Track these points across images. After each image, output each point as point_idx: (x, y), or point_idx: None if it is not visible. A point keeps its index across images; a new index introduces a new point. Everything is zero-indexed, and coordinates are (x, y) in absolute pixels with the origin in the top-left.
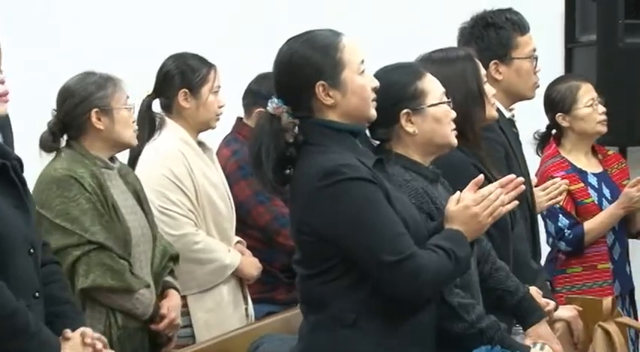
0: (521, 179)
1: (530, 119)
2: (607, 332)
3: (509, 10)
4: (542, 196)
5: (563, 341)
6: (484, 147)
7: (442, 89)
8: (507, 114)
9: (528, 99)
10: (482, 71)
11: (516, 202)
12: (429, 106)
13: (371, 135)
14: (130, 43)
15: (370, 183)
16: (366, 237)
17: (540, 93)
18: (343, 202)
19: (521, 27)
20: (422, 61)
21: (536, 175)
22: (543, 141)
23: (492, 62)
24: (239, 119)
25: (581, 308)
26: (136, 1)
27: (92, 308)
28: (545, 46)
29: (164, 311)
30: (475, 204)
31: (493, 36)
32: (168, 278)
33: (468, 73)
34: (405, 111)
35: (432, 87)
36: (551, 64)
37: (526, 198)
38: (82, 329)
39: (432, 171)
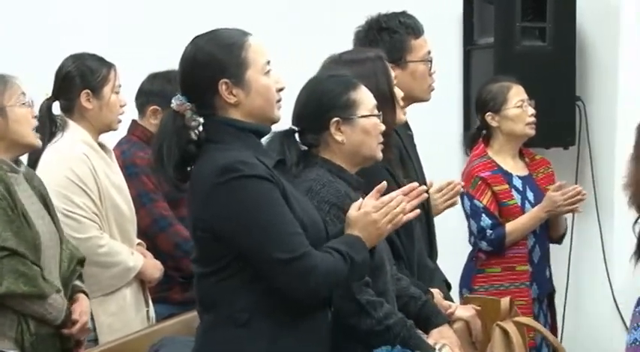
0: (423, 188)
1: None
2: (505, 332)
3: (403, 13)
4: (439, 198)
5: (462, 340)
6: (394, 150)
7: (374, 102)
8: (404, 118)
9: (424, 101)
10: (392, 73)
11: (418, 211)
12: (359, 117)
13: (300, 139)
14: (26, 43)
15: (266, 181)
16: (259, 234)
17: (433, 96)
18: (238, 199)
19: (415, 30)
20: (331, 62)
21: (462, 174)
22: (472, 141)
23: None
24: (133, 121)
25: (479, 308)
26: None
27: (4, 315)
28: (444, 48)
29: (76, 316)
30: (375, 210)
31: (387, 40)
32: (77, 283)
33: (379, 73)
34: (335, 119)
35: (365, 99)
36: (449, 67)
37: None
38: None
39: (356, 179)
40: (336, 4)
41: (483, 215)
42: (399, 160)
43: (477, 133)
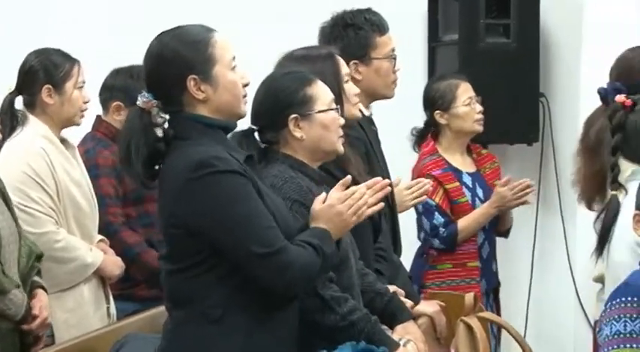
0: (387, 181)
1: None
2: (469, 327)
3: (369, 10)
4: (407, 195)
5: (427, 336)
6: (345, 146)
7: (331, 96)
8: (367, 113)
9: (388, 98)
10: (345, 70)
11: (382, 204)
12: (317, 112)
13: (260, 138)
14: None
15: (241, 176)
16: (236, 229)
17: (399, 92)
18: (214, 194)
19: (380, 27)
20: (284, 59)
21: (413, 172)
22: (420, 137)
23: (352, 62)
24: (98, 117)
25: (443, 304)
26: None
27: None
28: (409, 45)
29: (36, 311)
30: (340, 202)
31: (352, 36)
32: (36, 278)
33: (327, 72)
34: (293, 116)
35: (321, 93)
36: (414, 63)
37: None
38: None
39: (318, 173)
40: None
41: (436, 213)
42: (365, 155)
43: (424, 130)
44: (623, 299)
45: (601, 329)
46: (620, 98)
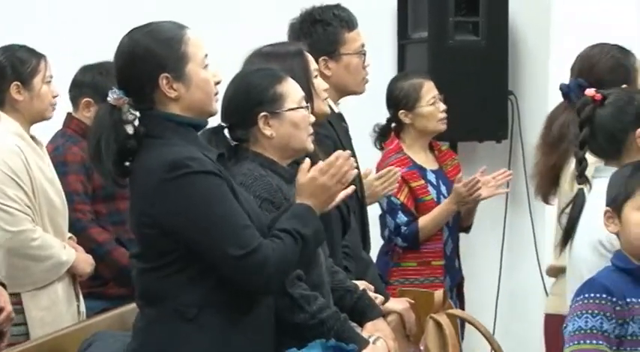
0: (348, 152)
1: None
2: (438, 324)
3: (337, 6)
4: (379, 185)
5: (396, 333)
6: (315, 143)
7: (302, 94)
8: (337, 109)
9: (358, 94)
10: (314, 66)
11: (356, 171)
12: (286, 110)
13: (230, 135)
14: None
15: (216, 177)
16: (211, 230)
17: (369, 89)
18: (189, 195)
19: (349, 23)
20: (252, 56)
21: (377, 169)
22: (383, 134)
23: (321, 58)
24: (68, 114)
25: (413, 301)
26: None
27: None
28: (379, 42)
29: (1, 305)
30: (322, 174)
31: (321, 32)
32: None
33: (297, 68)
34: (262, 114)
35: (292, 91)
36: (384, 60)
37: (355, 191)
38: None
39: (288, 171)
40: None
41: (400, 212)
42: (334, 152)
43: (387, 127)
44: (587, 295)
45: (566, 325)
46: (590, 92)
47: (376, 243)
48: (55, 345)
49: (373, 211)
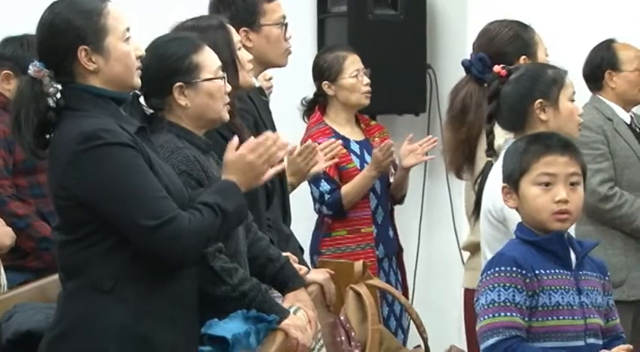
0: (268, 133)
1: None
2: (358, 294)
3: None
4: (301, 162)
5: (317, 303)
6: (237, 114)
7: (218, 63)
8: (257, 83)
9: (280, 66)
10: (237, 38)
11: (288, 147)
12: (202, 81)
13: (145, 103)
14: None
15: (130, 148)
16: (125, 201)
17: (288, 64)
18: (102, 167)
19: None
20: (175, 29)
21: (301, 142)
22: (309, 108)
23: (242, 29)
24: None
25: (333, 272)
26: None
27: None
28: (298, 16)
29: None
30: (249, 151)
31: (240, 4)
32: None
33: (220, 41)
34: (178, 84)
35: (208, 61)
36: (304, 34)
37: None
38: None
39: (205, 141)
40: None
41: (323, 180)
42: (254, 126)
43: (314, 100)
44: (497, 269)
45: (477, 298)
46: (496, 68)
47: (307, 216)
48: None
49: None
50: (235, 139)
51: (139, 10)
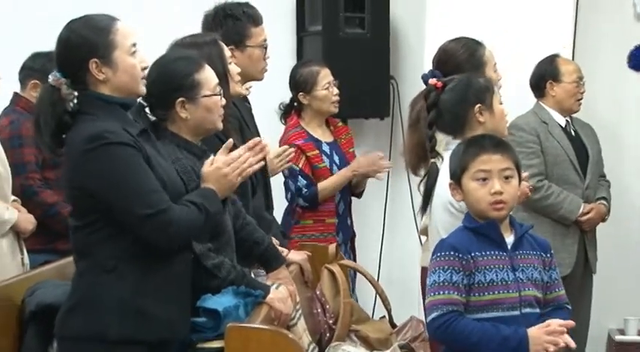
0: (266, 142)
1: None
2: (332, 272)
3: (246, 4)
4: (277, 162)
5: (296, 280)
6: (232, 120)
7: (216, 81)
8: (244, 92)
9: (258, 80)
10: (228, 53)
11: (262, 163)
12: (202, 97)
13: (151, 112)
14: None
15: (130, 147)
16: (124, 193)
17: (272, 75)
18: (105, 162)
19: (256, 19)
20: (175, 45)
21: (280, 141)
22: (286, 113)
23: (229, 48)
24: (15, 93)
25: (310, 254)
26: None
27: None
28: (280, 34)
29: None
30: (226, 165)
31: (231, 25)
32: None
33: (214, 55)
34: (180, 99)
35: (208, 79)
36: (284, 50)
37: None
38: None
39: (200, 148)
40: None
41: (299, 176)
42: (239, 129)
43: (290, 105)
44: (438, 254)
45: (427, 280)
46: (432, 81)
47: (282, 204)
48: (2, 293)
49: (279, 179)
50: (211, 157)
51: (145, 26)
